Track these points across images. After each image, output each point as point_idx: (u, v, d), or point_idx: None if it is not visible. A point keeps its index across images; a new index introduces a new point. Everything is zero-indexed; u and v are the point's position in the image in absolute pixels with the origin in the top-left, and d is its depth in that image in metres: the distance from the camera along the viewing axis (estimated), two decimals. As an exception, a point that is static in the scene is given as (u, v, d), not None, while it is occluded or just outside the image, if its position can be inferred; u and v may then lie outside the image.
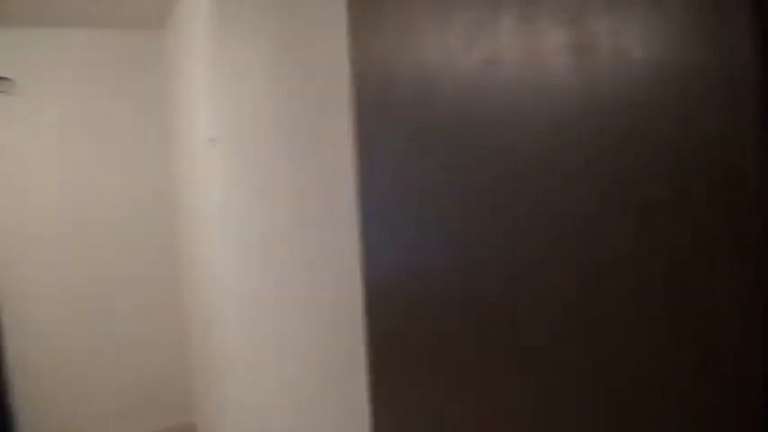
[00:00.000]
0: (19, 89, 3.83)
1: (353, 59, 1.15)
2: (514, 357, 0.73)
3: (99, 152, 4.04)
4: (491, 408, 0.78)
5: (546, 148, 0.65)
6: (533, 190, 0.67)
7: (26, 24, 3.78)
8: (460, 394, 0.86)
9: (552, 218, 0.65)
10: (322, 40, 1.50)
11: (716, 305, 0.48)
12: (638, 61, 0.53)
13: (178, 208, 3.99)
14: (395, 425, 1.08)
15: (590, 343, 0.61)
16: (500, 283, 0.75)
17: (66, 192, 4.01)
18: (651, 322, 0.54)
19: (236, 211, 2.58)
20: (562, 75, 0.62)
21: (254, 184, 2.32)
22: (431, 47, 0.88)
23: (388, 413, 1.11)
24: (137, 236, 4.15)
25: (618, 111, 0.56)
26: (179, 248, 4.06)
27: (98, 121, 4.00)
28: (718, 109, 0.47)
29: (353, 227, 1.33)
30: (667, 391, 0.53)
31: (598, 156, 0.58)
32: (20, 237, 3.92)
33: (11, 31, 3.80)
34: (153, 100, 4.07)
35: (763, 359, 0.45)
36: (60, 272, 4.02)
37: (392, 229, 1.05)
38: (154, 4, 3.57)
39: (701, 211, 0.49)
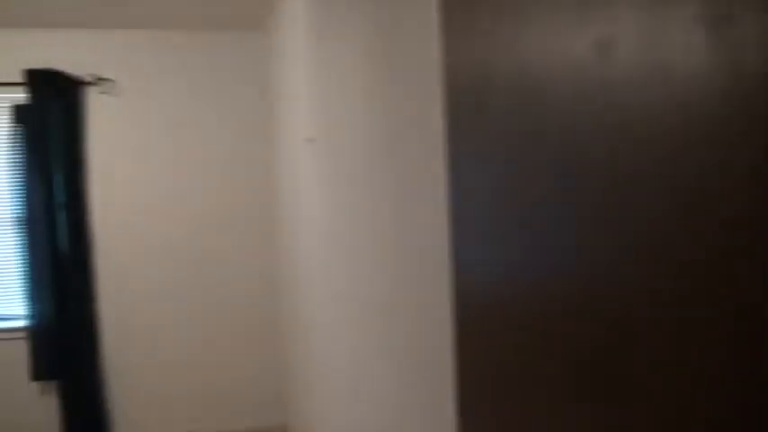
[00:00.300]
0: (121, 90, 3.97)
1: (444, 59, 1.10)
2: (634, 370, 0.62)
3: (200, 152, 4.05)
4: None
5: (675, 143, 0.54)
6: (659, 190, 0.56)
7: (128, 26, 3.90)
8: (560, 409, 0.76)
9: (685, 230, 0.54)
10: (415, 40, 1.45)
11: None
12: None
13: (278, 207, 4.03)
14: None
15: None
16: (608, 289, 0.65)
17: (166, 191, 4.04)
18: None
19: (327, 209, 2.55)
20: (696, 56, 0.50)
21: (345, 183, 2.28)
22: (531, 37, 0.79)
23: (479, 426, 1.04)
24: (236, 235, 4.12)
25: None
26: (279, 248, 4.10)
27: (199, 121, 4.05)
28: None
29: (442, 229, 1.27)
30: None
31: (746, 150, 0.47)
32: (120, 236, 4.01)
33: (114, 33, 3.92)
34: (253, 100, 4.11)
35: None
36: (159, 270, 4.06)
37: (483, 233, 1.00)
38: (254, 5, 3.61)
39: None
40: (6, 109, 3.81)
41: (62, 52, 3.84)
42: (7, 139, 3.83)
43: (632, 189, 0.61)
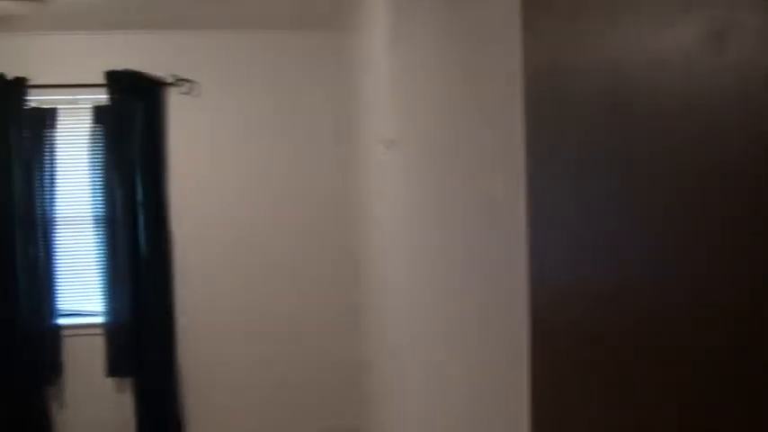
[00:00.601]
0: (201, 90, 3.97)
1: (527, 58, 1.07)
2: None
3: (280, 153, 4.04)
4: None
5: None
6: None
7: (209, 27, 3.93)
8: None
9: None
10: (498, 39, 1.40)
11: None
12: None
13: (357, 210, 3.98)
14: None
15: None
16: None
17: (244, 192, 4.04)
18: None
19: (407, 214, 2.51)
20: None
21: (424, 187, 2.25)
22: (623, 29, 0.75)
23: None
24: (315, 238, 4.10)
25: None
26: (358, 252, 4.04)
27: (277, 121, 4.02)
28: None
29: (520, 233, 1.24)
30: None
31: None
32: (198, 236, 4.03)
33: (195, 34, 3.95)
34: (333, 101, 4.06)
35: None
36: (236, 271, 4.04)
37: (565, 238, 0.98)
38: (332, 5, 3.60)
39: None
40: (88, 110, 3.90)
41: (143, 54, 3.91)
42: (88, 139, 3.92)
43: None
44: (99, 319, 3.95)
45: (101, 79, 3.82)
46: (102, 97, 3.85)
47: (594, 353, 0.88)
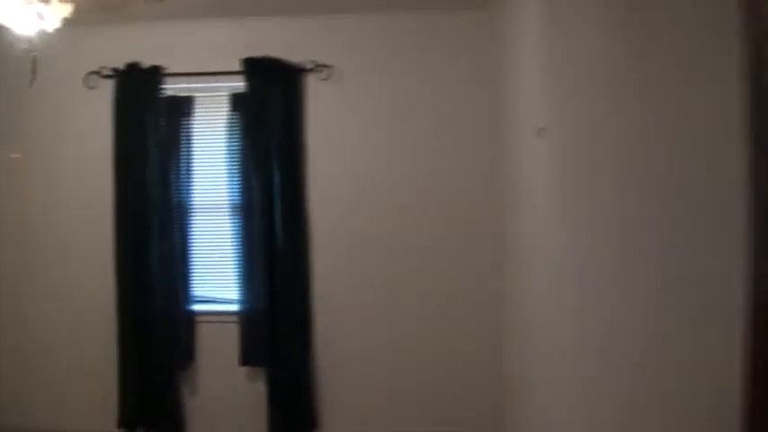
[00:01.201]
0: (341, 76, 3.87)
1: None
2: None
3: (423, 139, 3.84)
4: None
5: None
6: None
7: (348, 11, 3.81)
8: None
9: None
10: (699, 24, 1.18)
11: None
12: None
13: (507, 200, 3.66)
14: None
15: None
16: None
17: (385, 182, 3.87)
18: None
19: (561, 210, 2.24)
20: None
21: (585, 180, 2.00)
22: None
23: None
24: (460, 228, 3.83)
25: None
26: (507, 246, 3.73)
27: (420, 107, 3.82)
28: None
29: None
30: None
31: None
32: (336, 226, 3.91)
33: (334, 18, 3.84)
34: (480, 84, 3.72)
35: None
36: (375, 265, 3.90)
37: None
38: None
39: None
40: (225, 98, 3.88)
41: (281, 40, 3.85)
42: (225, 127, 3.90)
43: None
44: (234, 308, 3.95)
45: (238, 66, 3.78)
46: (239, 85, 3.82)
47: None
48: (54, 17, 2.22)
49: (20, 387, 4.19)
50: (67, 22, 2.26)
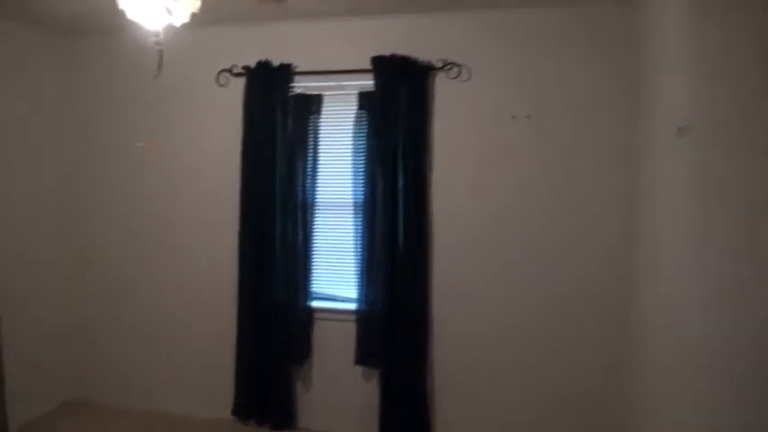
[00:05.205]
0: (470, 74, 3.75)
1: None
2: None
3: (555, 139, 3.64)
4: None
5: None
6: None
7: (478, 7, 3.68)
8: None
9: None
10: None
11: None
12: None
13: (642, 207, 3.36)
14: None
15: None
16: None
17: (512, 184, 3.71)
18: None
19: (694, 220, 1.99)
20: None
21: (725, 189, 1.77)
22: None
23: None
24: (590, 235, 3.63)
25: None
26: (637, 254, 3.42)
27: (551, 106, 3.62)
28: None
29: None
30: None
31: None
32: (459, 228, 3.79)
33: (463, 16, 3.74)
34: (617, 80, 3.51)
35: None
36: (497, 271, 3.76)
37: None
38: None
39: None
40: (353, 96, 3.88)
41: (410, 38, 3.77)
42: (352, 125, 3.90)
43: None
44: (352, 306, 3.94)
45: (367, 65, 3.76)
46: (368, 83, 3.80)
47: None
48: (182, 12, 2.28)
49: (142, 371, 4.48)
50: (200, 21, 2.30)
